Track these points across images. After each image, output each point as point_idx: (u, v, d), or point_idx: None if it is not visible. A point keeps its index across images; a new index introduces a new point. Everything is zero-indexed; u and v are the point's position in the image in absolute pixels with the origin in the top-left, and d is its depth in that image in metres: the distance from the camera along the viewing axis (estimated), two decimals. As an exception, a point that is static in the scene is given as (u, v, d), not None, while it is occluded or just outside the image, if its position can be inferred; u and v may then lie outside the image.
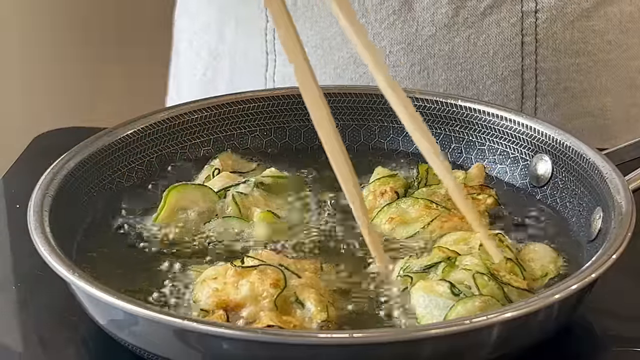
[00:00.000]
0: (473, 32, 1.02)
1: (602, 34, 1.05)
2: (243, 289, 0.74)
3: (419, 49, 1.03)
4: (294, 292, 0.74)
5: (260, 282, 0.74)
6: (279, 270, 0.75)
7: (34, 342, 0.77)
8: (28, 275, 0.83)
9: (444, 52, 1.03)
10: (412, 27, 1.02)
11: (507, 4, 1.02)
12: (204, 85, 1.14)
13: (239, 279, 0.75)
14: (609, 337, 0.78)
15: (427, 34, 1.02)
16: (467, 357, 0.70)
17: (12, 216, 0.92)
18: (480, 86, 1.04)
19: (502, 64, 1.03)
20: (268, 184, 0.88)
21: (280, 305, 0.74)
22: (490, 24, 1.02)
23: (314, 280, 0.76)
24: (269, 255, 0.78)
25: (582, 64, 1.05)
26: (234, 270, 0.75)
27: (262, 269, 0.75)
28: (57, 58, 1.88)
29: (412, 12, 1.02)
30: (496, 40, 1.03)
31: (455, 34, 1.03)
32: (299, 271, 0.76)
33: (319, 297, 0.74)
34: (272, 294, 0.74)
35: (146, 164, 0.91)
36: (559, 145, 0.88)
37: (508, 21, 1.02)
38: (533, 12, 1.03)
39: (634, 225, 0.76)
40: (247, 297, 0.74)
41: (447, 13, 1.02)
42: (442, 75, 1.04)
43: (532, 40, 1.03)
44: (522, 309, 0.69)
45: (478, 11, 1.02)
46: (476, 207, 0.84)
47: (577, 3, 1.03)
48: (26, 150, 1.02)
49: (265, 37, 1.07)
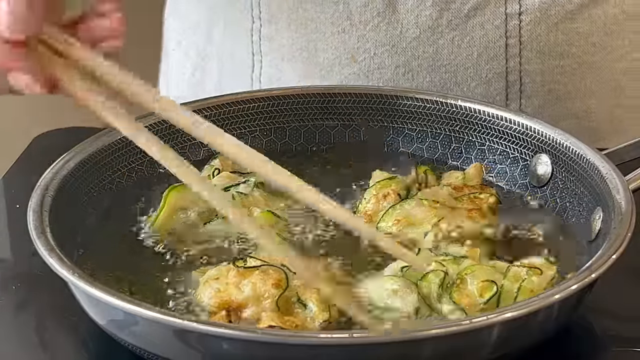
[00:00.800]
0: (457, 34, 1.03)
1: (586, 36, 1.05)
2: (245, 290, 0.74)
3: (403, 51, 1.03)
4: (295, 293, 0.74)
5: (262, 282, 0.74)
6: (280, 271, 0.75)
7: (34, 342, 0.77)
8: (28, 275, 0.83)
9: (428, 54, 1.03)
10: (396, 29, 1.03)
11: (491, 6, 1.02)
12: (193, 86, 1.14)
13: (241, 280, 0.75)
14: (609, 337, 0.78)
15: (411, 36, 1.02)
16: (467, 357, 0.70)
17: (12, 216, 0.92)
18: (465, 88, 1.04)
19: (487, 66, 1.03)
20: (268, 184, 0.88)
21: (282, 306, 0.74)
22: (474, 26, 1.02)
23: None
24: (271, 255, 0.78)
25: (566, 66, 1.05)
26: (236, 270, 0.75)
27: (264, 270, 0.75)
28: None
29: (396, 14, 1.02)
30: (480, 42, 1.03)
31: (440, 36, 1.03)
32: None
33: (321, 297, 0.74)
34: (274, 294, 0.74)
35: (146, 164, 0.91)
36: (558, 145, 0.88)
37: (492, 23, 1.02)
38: (517, 14, 1.03)
39: (634, 225, 0.76)
40: (249, 297, 0.74)
41: (431, 15, 1.02)
42: (427, 77, 1.04)
43: (516, 42, 1.03)
44: (522, 309, 0.69)
45: (462, 13, 1.02)
46: (478, 205, 0.84)
47: (561, 5, 1.03)
48: (26, 150, 1.02)
49: (252, 37, 1.07)
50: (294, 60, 1.06)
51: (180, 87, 1.16)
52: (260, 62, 1.08)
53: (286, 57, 1.06)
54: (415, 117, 0.95)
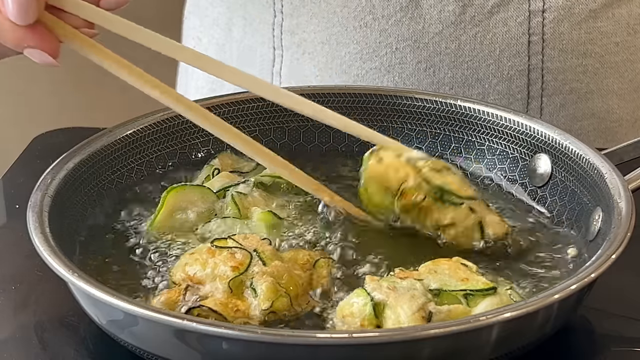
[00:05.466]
0: (480, 30, 1.02)
1: (609, 35, 1.05)
2: (207, 268, 0.76)
3: (425, 47, 1.03)
4: (251, 278, 0.75)
5: (223, 263, 0.76)
6: (247, 255, 0.76)
7: (34, 342, 0.77)
8: (28, 275, 0.83)
9: (450, 50, 1.03)
10: (419, 24, 1.02)
11: (514, 2, 1.02)
12: (211, 82, 1.14)
13: (208, 258, 0.76)
14: (609, 337, 0.78)
15: (433, 32, 1.02)
16: (467, 357, 0.70)
17: (12, 216, 0.92)
18: (486, 85, 1.04)
19: (509, 63, 1.03)
20: (268, 184, 0.88)
21: (236, 288, 0.75)
22: (497, 23, 1.02)
23: (282, 270, 0.76)
24: (254, 239, 0.78)
25: (588, 65, 1.05)
26: (208, 248, 0.77)
27: (234, 251, 0.76)
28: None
29: (419, 9, 1.02)
30: (503, 39, 1.03)
31: (462, 32, 1.02)
32: (273, 259, 0.77)
33: (274, 287, 0.74)
34: (228, 276, 0.75)
35: (146, 164, 0.91)
36: (558, 145, 0.88)
37: (515, 20, 1.02)
38: (540, 11, 1.02)
39: (634, 225, 0.76)
40: (208, 275, 0.75)
41: (454, 11, 1.02)
42: (448, 73, 1.04)
43: (539, 39, 1.03)
44: (522, 308, 0.69)
45: (485, 9, 1.02)
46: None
47: (584, 3, 1.03)
48: (26, 150, 1.02)
49: (273, 32, 1.08)
50: (315, 54, 1.06)
51: (199, 84, 1.16)
52: (281, 56, 1.08)
53: (307, 51, 1.06)
54: (415, 117, 0.95)
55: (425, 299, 0.72)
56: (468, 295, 0.73)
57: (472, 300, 0.73)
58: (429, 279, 0.75)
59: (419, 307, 0.71)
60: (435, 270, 0.76)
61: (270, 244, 0.79)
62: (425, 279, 0.75)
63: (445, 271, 0.75)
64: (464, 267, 0.76)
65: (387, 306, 0.72)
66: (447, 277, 0.75)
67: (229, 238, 0.78)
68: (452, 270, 0.75)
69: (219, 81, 1.13)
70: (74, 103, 1.93)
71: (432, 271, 0.76)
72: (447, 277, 0.75)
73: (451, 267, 0.76)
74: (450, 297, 0.73)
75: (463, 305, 0.73)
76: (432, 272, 0.75)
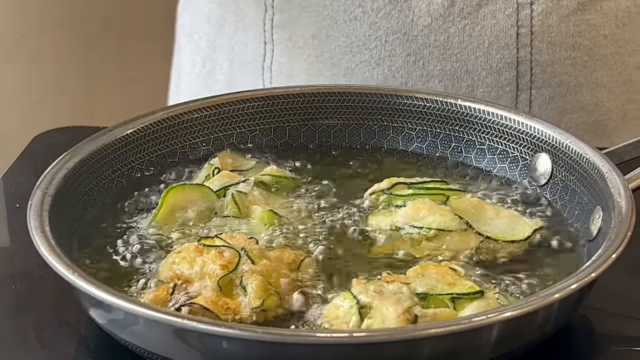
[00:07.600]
0: (468, 22, 1.02)
1: (598, 28, 1.04)
2: (196, 266, 0.76)
3: (414, 39, 1.03)
4: (240, 276, 0.75)
5: (212, 261, 0.76)
6: (236, 253, 0.76)
7: (34, 342, 0.77)
8: (28, 275, 0.83)
9: (439, 42, 1.03)
10: (408, 17, 1.03)
11: None
12: (203, 78, 1.14)
13: (196, 256, 0.76)
14: (609, 337, 0.78)
15: (422, 24, 1.02)
16: (467, 357, 0.70)
17: (12, 216, 0.92)
18: (475, 77, 1.04)
19: (497, 55, 1.03)
20: (268, 183, 0.88)
21: (225, 286, 0.75)
22: (485, 15, 1.02)
23: (271, 269, 0.76)
24: (241, 238, 0.78)
25: (577, 57, 1.05)
26: (196, 246, 0.77)
27: (221, 250, 0.76)
28: (57, 57, 1.88)
29: (408, 2, 1.02)
30: (491, 31, 1.03)
31: (451, 25, 1.03)
32: (261, 258, 0.76)
33: (265, 285, 0.74)
34: (218, 274, 0.75)
35: (146, 164, 0.91)
36: (558, 144, 0.88)
37: (503, 12, 1.02)
38: (529, 3, 1.02)
39: (634, 224, 0.76)
40: (197, 273, 0.75)
41: (442, 3, 1.02)
42: (438, 65, 1.04)
43: (528, 32, 1.03)
44: (522, 308, 0.69)
45: (473, 2, 1.02)
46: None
47: None
48: (26, 150, 1.02)
49: (264, 26, 1.08)
50: (306, 48, 1.06)
51: (191, 79, 1.16)
52: (271, 51, 1.08)
53: (297, 45, 1.06)
54: (415, 116, 0.95)
55: (411, 302, 0.72)
56: (455, 298, 0.73)
57: (459, 304, 0.73)
58: (416, 283, 0.74)
59: (404, 310, 0.71)
60: (422, 274, 0.75)
61: (257, 243, 0.79)
62: (413, 282, 0.74)
63: (433, 275, 0.75)
64: (452, 272, 0.76)
65: (373, 309, 0.72)
66: (434, 281, 0.75)
67: (216, 237, 0.78)
68: (440, 275, 0.75)
69: (211, 78, 1.13)
70: (74, 103, 1.93)
71: (419, 275, 0.75)
72: (434, 281, 0.75)
73: (439, 272, 0.76)
74: (436, 301, 0.73)
75: (449, 309, 0.72)
76: (419, 276, 0.75)
